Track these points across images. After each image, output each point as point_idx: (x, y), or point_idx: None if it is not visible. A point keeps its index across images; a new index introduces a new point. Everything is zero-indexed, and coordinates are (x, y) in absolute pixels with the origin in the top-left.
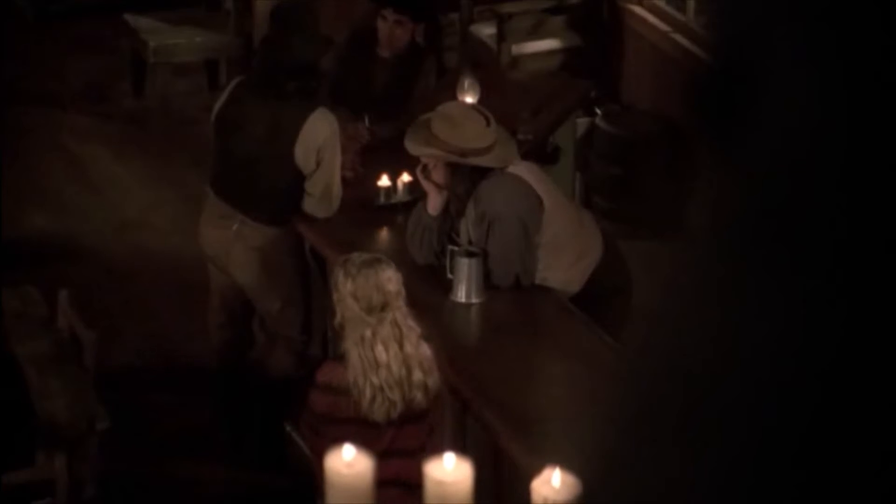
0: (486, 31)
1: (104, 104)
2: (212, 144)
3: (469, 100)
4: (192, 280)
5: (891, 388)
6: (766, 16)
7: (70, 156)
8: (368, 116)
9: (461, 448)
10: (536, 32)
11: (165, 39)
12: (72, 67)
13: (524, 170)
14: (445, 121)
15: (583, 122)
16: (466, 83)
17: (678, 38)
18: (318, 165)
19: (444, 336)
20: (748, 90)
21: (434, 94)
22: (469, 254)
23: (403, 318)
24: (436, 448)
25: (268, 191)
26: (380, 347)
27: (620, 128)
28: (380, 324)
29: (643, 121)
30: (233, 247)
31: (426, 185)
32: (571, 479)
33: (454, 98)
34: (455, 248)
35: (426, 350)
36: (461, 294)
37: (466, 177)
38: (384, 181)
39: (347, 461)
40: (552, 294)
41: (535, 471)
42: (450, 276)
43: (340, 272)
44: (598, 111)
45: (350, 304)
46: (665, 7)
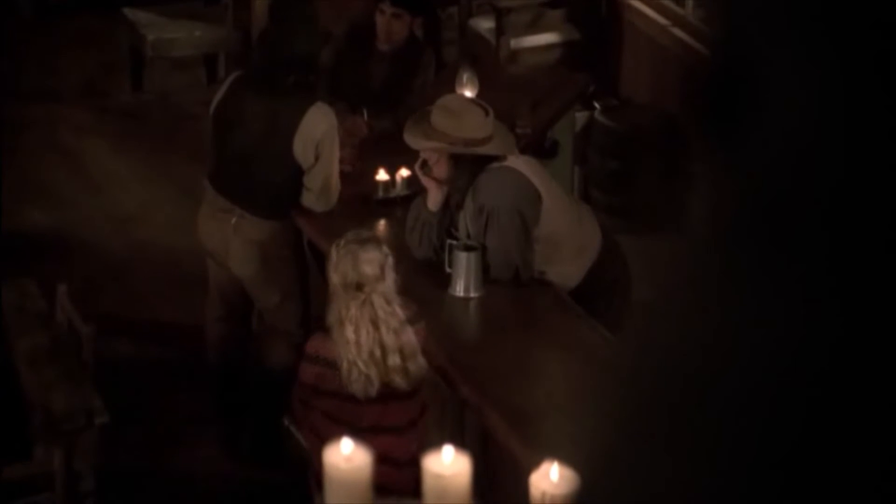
0: (485, 25)
1: (102, 99)
2: (210, 139)
3: (468, 94)
4: (191, 274)
5: (889, 387)
6: (766, 12)
7: (68, 151)
8: (367, 110)
9: (459, 442)
10: (535, 26)
11: (164, 34)
12: (70, 62)
13: (522, 164)
14: (445, 113)
15: (581, 117)
16: (465, 77)
17: (677, 32)
18: (317, 160)
19: (443, 330)
20: (747, 86)
21: (433, 88)
22: (467, 248)
23: (383, 302)
24: (430, 427)
25: (266, 185)
26: (349, 326)
27: (619, 122)
28: (352, 301)
29: (642, 115)
30: (231, 241)
31: (426, 182)
32: (569, 473)
33: (453, 92)
34: (454, 243)
35: (410, 336)
36: (460, 288)
37: (466, 170)
38: (382, 175)
39: (346, 455)
40: (550, 288)
41: (534, 465)
42: (448, 271)
43: (333, 247)
44: (597, 105)
45: (332, 279)
46: (664, 1)
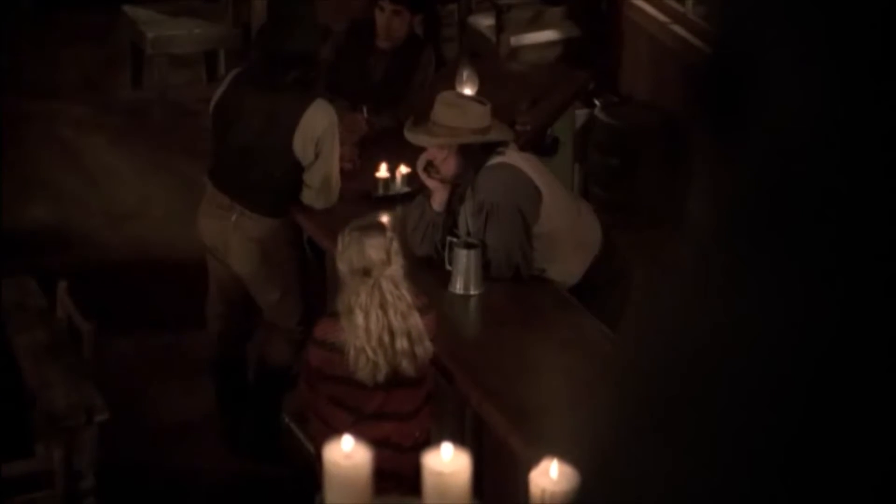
0: (485, 22)
1: (102, 95)
2: (210, 135)
3: (468, 91)
4: (190, 271)
5: (890, 381)
6: (765, 9)
7: (68, 146)
8: (366, 107)
9: (459, 439)
10: (535, 23)
11: (164, 31)
12: (70, 58)
13: (522, 161)
14: (448, 107)
15: (581, 114)
16: (465, 74)
17: (677, 29)
18: (317, 157)
19: (443, 328)
20: (746, 82)
21: (432, 86)
22: (468, 245)
23: (391, 286)
24: (435, 414)
25: (266, 182)
26: (359, 312)
27: (619, 119)
28: (361, 287)
29: (641, 112)
30: (231, 237)
31: (430, 183)
32: (569, 471)
33: (453, 89)
34: (454, 240)
35: (416, 320)
36: (460, 286)
37: (471, 162)
38: (383, 172)
39: (346, 452)
40: (550, 285)
41: (534, 462)
42: (448, 268)
43: (340, 235)
44: (597, 102)
45: (340, 266)
46: None
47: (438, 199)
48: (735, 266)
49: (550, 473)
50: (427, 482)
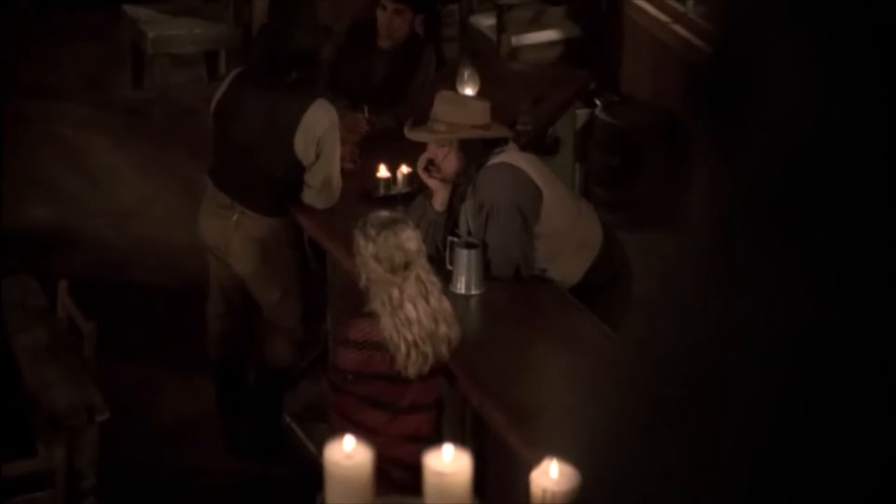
0: (486, 22)
1: (103, 95)
2: (211, 135)
3: (469, 91)
4: (191, 270)
5: (890, 379)
6: (765, 8)
7: (69, 146)
8: (367, 107)
9: (460, 439)
10: (536, 23)
11: (164, 30)
12: (70, 58)
13: (523, 160)
14: (448, 103)
15: (582, 113)
16: (466, 74)
17: (677, 29)
18: (318, 157)
19: None
20: (747, 81)
21: (433, 85)
22: (468, 245)
23: (426, 274)
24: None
25: (267, 181)
26: (409, 305)
27: (620, 118)
28: (405, 282)
29: (642, 111)
30: (232, 237)
31: (431, 183)
32: (570, 470)
33: (453, 89)
34: (455, 240)
35: (447, 304)
36: (460, 285)
37: (472, 160)
38: (383, 172)
39: (347, 452)
40: (551, 285)
41: (534, 462)
42: (449, 268)
43: (360, 236)
44: (598, 102)
45: (374, 267)
46: None
47: (439, 199)
48: (735, 266)
49: (551, 473)
50: (428, 482)
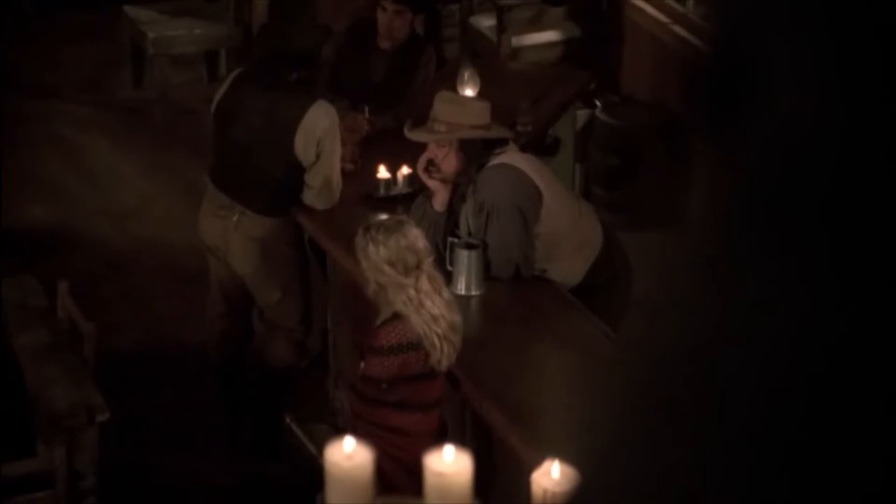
0: (486, 23)
1: (103, 95)
2: (211, 135)
3: (469, 91)
4: (191, 270)
5: (890, 378)
6: (765, 8)
7: (69, 146)
8: (367, 107)
9: (460, 439)
10: (536, 24)
11: (165, 30)
12: (70, 58)
13: (523, 161)
14: (448, 103)
15: (582, 114)
16: (466, 74)
17: (677, 29)
18: (318, 157)
19: None
20: (747, 81)
21: (433, 86)
22: (468, 246)
23: (433, 269)
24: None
25: (267, 182)
26: (428, 302)
27: (620, 119)
28: (419, 281)
29: (642, 112)
30: (232, 238)
31: (431, 183)
32: (570, 471)
33: (454, 89)
34: (455, 240)
35: (450, 293)
36: (461, 286)
37: (472, 160)
38: (384, 173)
39: (347, 453)
40: (551, 285)
41: (535, 462)
42: (449, 268)
43: (368, 242)
44: (598, 102)
45: (387, 271)
46: None
47: (440, 199)
48: (735, 265)
49: (552, 474)
50: (428, 483)
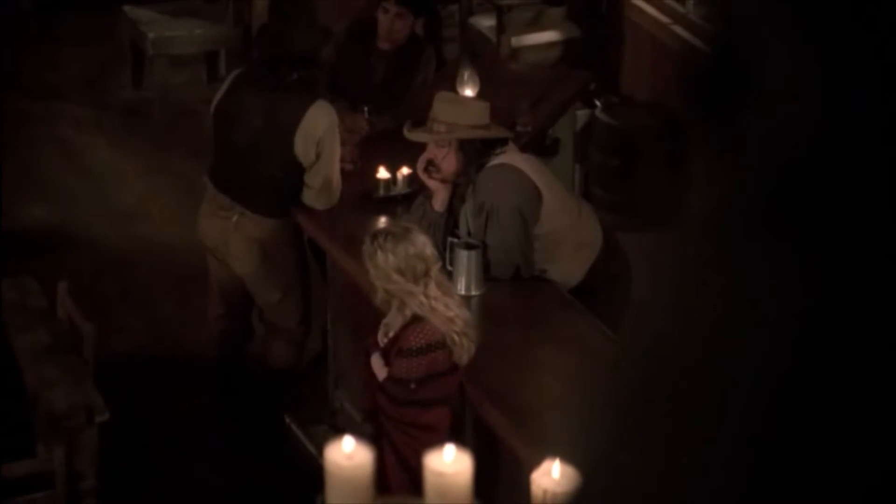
0: (486, 23)
1: (103, 95)
2: (211, 136)
3: (468, 92)
4: (191, 271)
5: (888, 379)
6: (765, 8)
7: (69, 146)
8: (367, 108)
9: (461, 439)
10: (536, 24)
11: (164, 31)
12: (70, 58)
13: (523, 161)
14: (446, 103)
15: (582, 114)
16: (466, 75)
17: (677, 30)
18: (318, 157)
19: None
20: (746, 82)
21: (433, 86)
22: (468, 246)
23: (440, 275)
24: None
25: (267, 182)
26: (440, 306)
27: (620, 119)
28: (427, 288)
29: (642, 112)
30: (232, 238)
31: (431, 184)
32: (570, 471)
33: (453, 90)
34: (455, 241)
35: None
36: (461, 286)
37: (472, 160)
38: (383, 173)
39: (347, 453)
40: (551, 286)
41: (535, 462)
42: (449, 269)
43: (377, 250)
44: (598, 103)
45: (395, 279)
46: None
47: (439, 200)
48: (735, 265)
49: (552, 474)
50: (428, 483)
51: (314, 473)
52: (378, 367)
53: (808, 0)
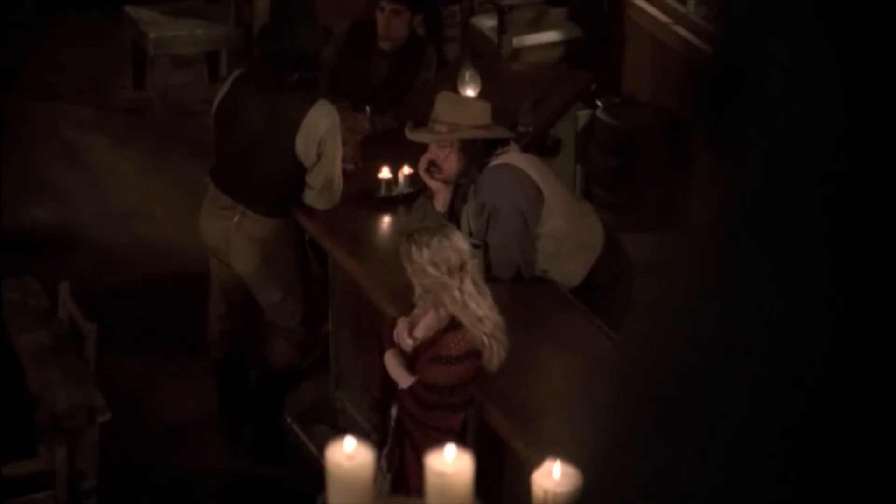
0: (487, 23)
1: (104, 95)
2: (212, 136)
3: (470, 92)
4: (192, 271)
5: (888, 379)
6: (766, 8)
7: (70, 146)
8: (369, 107)
9: (464, 440)
10: (537, 24)
11: (166, 31)
12: (71, 58)
13: (524, 161)
14: (447, 103)
15: (583, 114)
16: (467, 75)
17: (679, 30)
18: (319, 157)
19: None
20: (748, 82)
21: (434, 86)
22: (470, 246)
23: (476, 272)
24: None
25: (268, 182)
26: (472, 304)
27: (621, 119)
28: (463, 283)
29: (643, 112)
30: (233, 238)
31: (433, 184)
32: (571, 471)
33: (454, 90)
34: None
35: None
36: None
37: (474, 160)
38: (385, 173)
39: (348, 453)
40: (552, 286)
41: (536, 462)
42: None
43: (412, 245)
44: (599, 103)
45: (431, 272)
46: None
47: (441, 200)
48: (736, 266)
49: (553, 474)
50: (429, 483)
51: (315, 473)
52: (396, 370)
53: (809, 1)
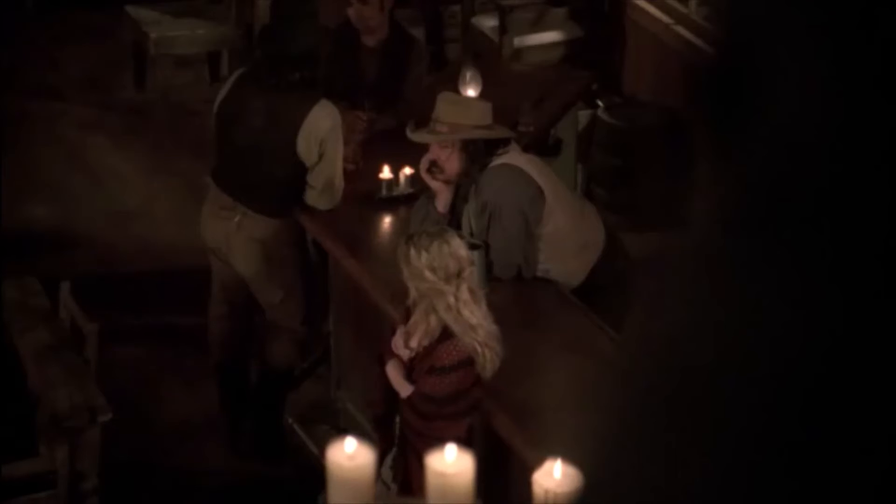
0: (488, 24)
1: (105, 95)
2: (214, 136)
3: (471, 92)
4: (193, 271)
5: (889, 379)
6: (767, 9)
7: (70, 146)
8: (367, 105)
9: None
10: (538, 24)
11: (167, 31)
12: (72, 58)
13: (525, 161)
14: (449, 104)
15: (584, 114)
16: (468, 75)
17: (680, 30)
18: (320, 157)
19: None
20: (749, 82)
21: (435, 87)
22: (471, 246)
23: (474, 280)
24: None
25: (269, 182)
26: (466, 312)
27: (622, 120)
28: (458, 290)
29: (645, 113)
30: (235, 238)
31: (434, 184)
32: (573, 471)
33: (456, 90)
34: None
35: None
36: None
37: (472, 163)
38: (386, 173)
39: (349, 454)
40: (553, 286)
41: (537, 462)
42: None
43: (411, 249)
44: (600, 103)
45: (428, 277)
46: None
47: (442, 200)
48: (736, 267)
49: (554, 474)
50: (430, 483)
51: (316, 473)
52: (397, 380)
53: (810, 3)
